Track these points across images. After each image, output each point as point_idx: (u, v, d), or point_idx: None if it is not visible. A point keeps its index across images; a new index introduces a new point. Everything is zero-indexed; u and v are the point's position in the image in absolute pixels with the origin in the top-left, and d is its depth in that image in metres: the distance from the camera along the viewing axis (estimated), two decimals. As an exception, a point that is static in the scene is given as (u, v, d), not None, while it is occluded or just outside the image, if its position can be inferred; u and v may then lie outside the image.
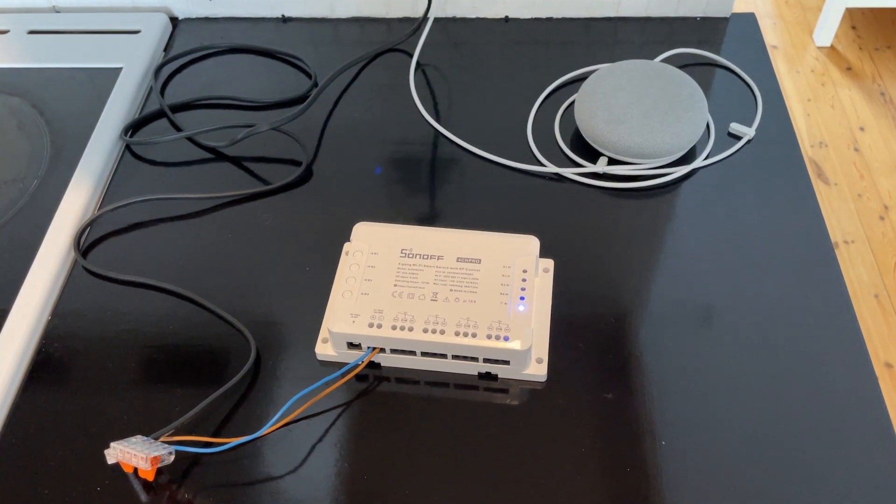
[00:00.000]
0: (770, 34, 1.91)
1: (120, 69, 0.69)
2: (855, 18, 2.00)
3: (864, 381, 0.48)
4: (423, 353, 0.49)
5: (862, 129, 1.76)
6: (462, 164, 0.62)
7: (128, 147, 0.64)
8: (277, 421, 0.46)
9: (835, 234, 1.56)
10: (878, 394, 0.47)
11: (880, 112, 1.79)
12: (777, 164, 0.60)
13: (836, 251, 1.53)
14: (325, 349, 0.50)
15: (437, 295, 0.49)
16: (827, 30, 1.91)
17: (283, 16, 0.75)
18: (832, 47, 1.93)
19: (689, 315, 0.52)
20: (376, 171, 0.59)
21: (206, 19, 0.75)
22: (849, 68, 1.89)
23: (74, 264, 0.57)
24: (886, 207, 1.61)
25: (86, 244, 0.58)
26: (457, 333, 0.47)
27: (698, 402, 0.47)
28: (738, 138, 0.62)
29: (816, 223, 0.56)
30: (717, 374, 0.49)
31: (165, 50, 0.73)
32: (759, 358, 0.49)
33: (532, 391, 0.49)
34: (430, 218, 0.58)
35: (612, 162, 0.60)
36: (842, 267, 1.52)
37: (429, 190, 0.60)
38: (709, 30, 0.71)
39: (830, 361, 0.49)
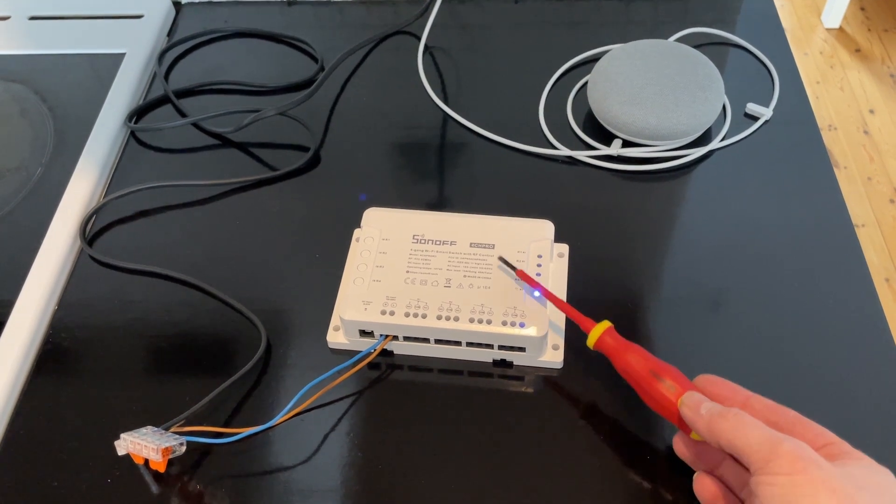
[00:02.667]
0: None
1: (123, 54, 0.68)
2: (864, -1, 1.97)
3: (886, 367, 0.47)
4: (437, 341, 0.48)
5: (872, 111, 1.74)
6: (473, 147, 0.61)
7: (132, 134, 0.63)
8: (289, 411, 0.45)
9: (845, 217, 1.54)
10: (903, 378, 0.46)
11: (890, 94, 1.76)
12: (795, 144, 0.58)
13: (847, 235, 1.51)
14: (336, 337, 0.49)
15: (450, 281, 0.48)
16: (835, 11, 1.88)
17: (287, -1, 0.73)
18: (841, 29, 1.91)
19: (707, 299, 0.51)
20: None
21: (210, 3, 0.74)
22: (858, 50, 1.86)
23: (80, 253, 0.56)
24: (897, 190, 1.59)
25: (91, 232, 0.57)
26: (471, 320, 0.46)
27: (718, 388, 0.46)
28: (755, 119, 0.60)
29: (836, 205, 0.55)
30: (736, 359, 0.48)
31: (169, 35, 0.72)
32: (778, 343, 0.48)
33: (548, 378, 0.48)
34: (441, 203, 0.57)
35: (626, 144, 0.59)
36: (852, 251, 1.50)
37: (439, 175, 0.59)
38: (723, 8, 0.69)
39: (851, 345, 0.48)
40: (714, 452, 0.41)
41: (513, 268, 0.48)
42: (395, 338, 0.48)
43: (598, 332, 0.44)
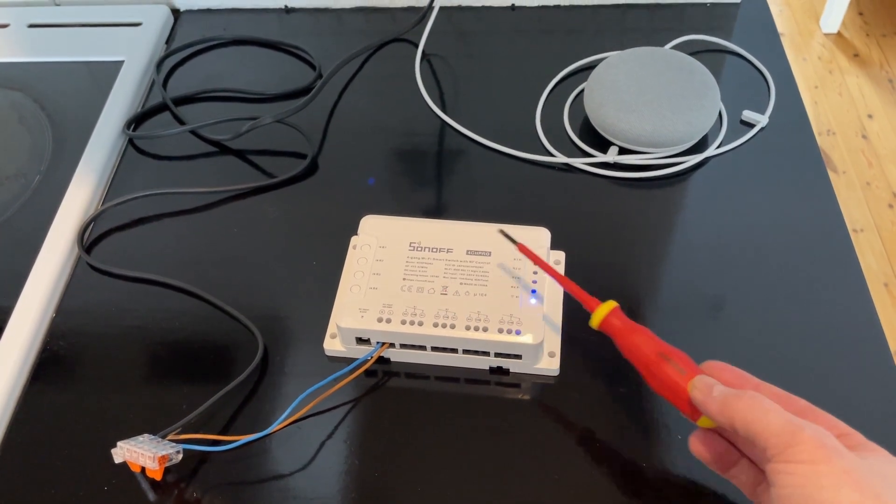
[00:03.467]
0: (777, 21, 1.89)
1: (122, 62, 0.68)
2: (862, 5, 1.98)
3: (882, 372, 0.47)
4: (434, 348, 0.48)
5: (870, 116, 1.74)
6: (470, 155, 0.61)
7: (131, 141, 0.64)
8: (286, 418, 0.46)
9: (843, 222, 1.55)
10: (898, 385, 0.46)
11: (888, 99, 1.77)
12: (791, 151, 0.59)
13: (845, 240, 1.52)
14: (333, 345, 0.49)
15: (446, 289, 0.48)
16: (834, 16, 1.89)
17: (285, 6, 0.74)
18: (839, 34, 1.92)
19: (703, 306, 0.51)
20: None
21: (208, 11, 0.74)
22: (856, 55, 1.87)
23: (78, 260, 0.56)
24: (895, 195, 1.59)
25: (89, 240, 0.57)
26: (467, 328, 0.47)
27: (714, 395, 0.47)
28: (751, 126, 0.60)
29: (832, 211, 0.55)
30: (732, 363, 0.48)
31: (167, 42, 0.72)
32: (774, 348, 0.48)
33: (544, 385, 0.48)
34: (437, 210, 0.57)
35: (622, 151, 0.59)
36: (851, 256, 1.50)
37: (436, 182, 0.59)
38: (719, 16, 0.69)
39: (847, 351, 0.48)
40: (730, 452, 0.39)
41: (514, 241, 0.47)
42: (392, 345, 0.48)
43: (604, 311, 0.42)
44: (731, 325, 0.50)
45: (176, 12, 0.75)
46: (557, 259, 0.53)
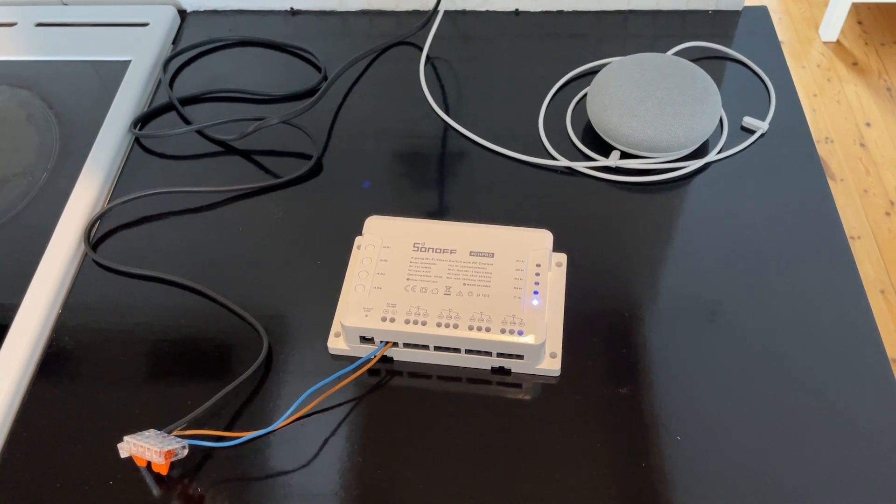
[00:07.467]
0: (776, 29, 1.90)
1: (129, 62, 0.69)
2: (861, 13, 1.99)
3: (879, 378, 0.48)
4: (437, 348, 0.48)
5: (868, 124, 1.75)
6: (473, 157, 0.61)
7: (137, 140, 0.64)
8: (290, 415, 0.46)
9: (841, 229, 1.55)
10: (894, 389, 0.47)
11: (886, 107, 1.78)
12: (790, 158, 0.59)
13: (843, 247, 1.52)
14: (337, 343, 0.50)
15: (450, 289, 0.49)
16: (833, 25, 1.90)
17: (291, 8, 0.74)
18: (838, 42, 1.93)
19: (703, 309, 0.51)
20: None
21: (215, 12, 0.75)
22: (855, 63, 1.88)
23: (84, 258, 0.56)
24: (893, 203, 1.60)
25: (96, 237, 0.58)
26: (470, 328, 0.47)
27: (713, 396, 0.47)
28: (752, 132, 0.61)
29: (831, 217, 0.55)
30: (731, 368, 0.48)
31: (174, 43, 0.73)
32: (773, 352, 0.49)
33: (546, 386, 0.48)
34: (441, 212, 0.58)
35: (624, 156, 0.60)
36: (848, 263, 1.51)
37: (440, 183, 0.60)
38: (721, 23, 0.70)
39: (844, 355, 0.49)
40: None
41: None
42: (395, 344, 0.49)
43: None
44: (730, 329, 0.50)
45: (182, 13, 0.75)
46: (559, 261, 0.53)
